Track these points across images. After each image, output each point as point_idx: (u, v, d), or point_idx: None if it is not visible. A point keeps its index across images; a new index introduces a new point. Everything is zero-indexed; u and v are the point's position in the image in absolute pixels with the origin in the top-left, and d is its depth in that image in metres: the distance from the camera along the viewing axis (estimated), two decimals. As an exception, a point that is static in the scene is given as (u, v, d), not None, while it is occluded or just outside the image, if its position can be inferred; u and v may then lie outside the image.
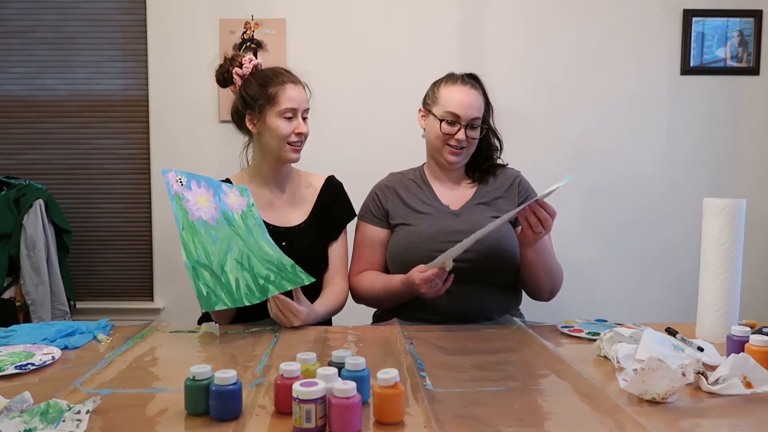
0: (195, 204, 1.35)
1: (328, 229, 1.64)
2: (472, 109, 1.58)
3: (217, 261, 1.30)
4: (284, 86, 1.53)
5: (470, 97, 1.60)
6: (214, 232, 1.34)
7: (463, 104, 1.58)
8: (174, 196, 1.32)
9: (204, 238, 1.31)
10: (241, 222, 1.43)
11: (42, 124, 2.66)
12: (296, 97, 1.53)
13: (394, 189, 1.68)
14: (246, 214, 1.46)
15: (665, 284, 2.65)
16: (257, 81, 1.55)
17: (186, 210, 1.33)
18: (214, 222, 1.36)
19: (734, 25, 2.58)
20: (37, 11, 2.62)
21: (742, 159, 2.65)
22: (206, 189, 1.40)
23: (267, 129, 1.53)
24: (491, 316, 1.55)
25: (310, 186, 1.67)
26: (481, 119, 1.61)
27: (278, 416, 0.87)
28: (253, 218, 1.47)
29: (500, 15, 2.59)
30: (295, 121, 1.53)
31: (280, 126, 1.52)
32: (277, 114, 1.52)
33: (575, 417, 0.88)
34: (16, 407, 0.81)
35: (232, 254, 1.33)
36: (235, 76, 1.57)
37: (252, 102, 1.54)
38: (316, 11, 2.58)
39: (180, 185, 1.35)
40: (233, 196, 1.47)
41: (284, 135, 1.52)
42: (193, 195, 1.36)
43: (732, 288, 1.24)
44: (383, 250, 1.65)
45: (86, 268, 2.70)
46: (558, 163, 2.58)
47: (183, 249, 1.26)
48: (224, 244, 1.34)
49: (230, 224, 1.39)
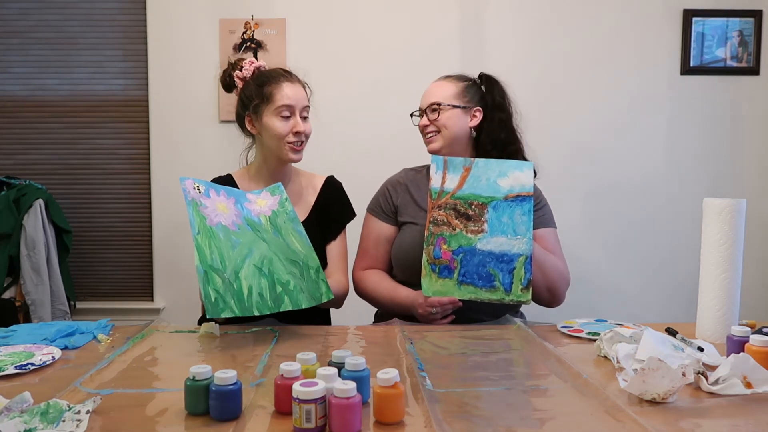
0: (213, 210, 1.31)
1: (327, 229, 1.63)
2: (428, 95, 1.64)
3: (232, 267, 1.25)
4: (280, 84, 1.52)
5: (432, 87, 1.66)
6: (234, 237, 1.29)
7: (424, 95, 1.66)
8: (191, 202, 1.28)
9: (222, 242, 1.27)
10: (268, 225, 1.37)
11: (42, 124, 2.66)
12: (292, 95, 1.51)
13: (406, 186, 1.68)
14: (277, 212, 1.41)
15: (665, 284, 2.65)
16: (255, 82, 1.54)
17: (204, 216, 1.28)
18: (235, 227, 1.32)
19: (734, 25, 2.58)
20: (37, 11, 2.62)
21: (742, 159, 2.65)
22: (226, 197, 1.36)
23: (265, 129, 1.53)
24: (491, 318, 1.55)
25: (310, 186, 1.66)
26: (442, 102, 1.61)
27: (278, 416, 0.87)
28: (285, 213, 1.41)
29: (500, 15, 2.59)
30: (292, 120, 1.52)
31: (276, 125, 1.51)
32: (273, 112, 1.51)
33: (575, 417, 0.88)
34: (16, 407, 0.81)
35: (252, 259, 1.28)
36: (236, 79, 1.57)
37: (248, 102, 1.53)
38: (316, 11, 2.58)
39: (198, 192, 1.31)
40: (261, 200, 1.42)
41: (281, 134, 1.51)
42: (212, 202, 1.32)
43: (732, 288, 1.24)
44: (389, 246, 1.66)
45: (86, 268, 2.70)
46: (558, 163, 2.58)
47: (197, 253, 1.22)
48: (244, 249, 1.29)
49: (254, 229, 1.34)
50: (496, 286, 1.39)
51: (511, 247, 1.40)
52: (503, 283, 1.39)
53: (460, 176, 1.45)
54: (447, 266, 1.41)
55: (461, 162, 1.46)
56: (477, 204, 1.43)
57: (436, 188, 1.45)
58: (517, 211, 1.42)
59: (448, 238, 1.42)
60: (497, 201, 1.42)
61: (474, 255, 1.40)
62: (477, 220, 1.42)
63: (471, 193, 1.43)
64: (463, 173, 1.45)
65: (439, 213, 1.44)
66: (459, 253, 1.41)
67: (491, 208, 1.42)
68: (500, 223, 1.41)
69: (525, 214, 1.41)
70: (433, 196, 1.45)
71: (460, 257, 1.41)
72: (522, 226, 1.41)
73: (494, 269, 1.40)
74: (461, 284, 1.40)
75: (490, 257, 1.40)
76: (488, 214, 1.42)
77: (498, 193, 1.43)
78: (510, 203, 1.42)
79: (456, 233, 1.42)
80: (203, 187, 1.33)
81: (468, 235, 1.42)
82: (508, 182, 1.43)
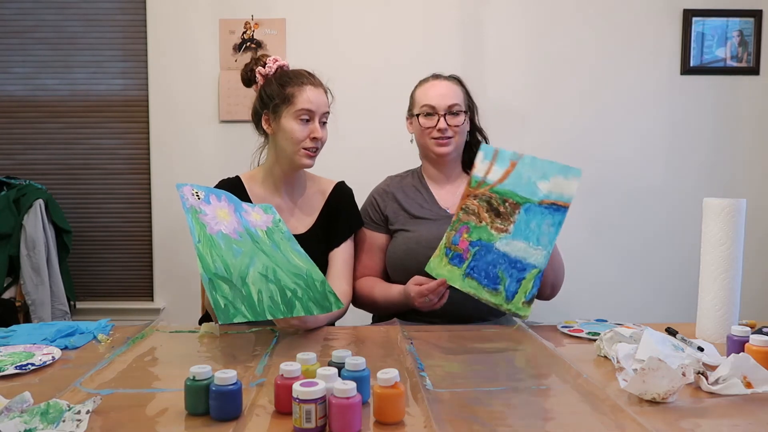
0: (214, 218, 1.27)
1: (333, 236, 1.59)
2: (446, 97, 1.60)
3: (238, 273, 1.21)
4: (303, 87, 1.49)
5: (443, 87, 1.62)
6: (236, 246, 1.26)
7: (436, 95, 1.61)
8: (189, 209, 1.25)
9: (224, 251, 1.23)
10: (265, 238, 1.34)
11: (42, 124, 2.66)
12: (314, 99, 1.48)
13: (393, 194, 1.67)
14: (272, 229, 1.37)
15: (665, 284, 2.65)
16: (277, 81, 1.51)
17: (203, 224, 1.25)
18: (237, 236, 1.28)
19: (734, 25, 2.58)
20: (37, 11, 2.62)
21: (742, 159, 2.65)
22: (227, 203, 1.33)
23: (281, 130, 1.49)
24: (491, 318, 1.55)
25: (318, 192, 1.62)
26: (461, 106, 1.61)
27: (278, 416, 0.87)
28: (281, 232, 1.38)
29: (500, 15, 2.59)
30: (311, 125, 1.49)
31: (294, 128, 1.47)
32: (293, 115, 1.47)
33: (575, 417, 0.88)
34: (16, 407, 0.81)
35: (255, 268, 1.25)
36: (257, 75, 1.53)
37: (269, 101, 1.50)
38: (316, 11, 2.58)
39: (197, 199, 1.28)
40: (255, 214, 1.39)
41: (298, 138, 1.48)
42: (212, 209, 1.29)
43: (732, 288, 1.24)
44: (382, 255, 1.65)
45: (86, 268, 2.70)
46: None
47: (199, 261, 1.18)
48: (246, 258, 1.25)
49: (254, 240, 1.31)
50: (498, 290, 1.36)
51: (528, 256, 1.35)
52: (507, 289, 1.36)
53: (504, 170, 1.39)
54: (460, 255, 1.39)
55: (509, 156, 1.40)
56: (511, 202, 1.37)
57: (478, 177, 1.40)
58: (547, 220, 1.35)
59: (473, 228, 1.39)
60: (531, 204, 1.36)
61: (489, 252, 1.37)
62: (506, 219, 1.37)
63: (509, 190, 1.38)
64: (509, 167, 1.39)
65: (472, 202, 1.40)
66: (476, 245, 1.38)
67: (523, 210, 1.36)
68: (527, 228, 1.35)
69: (554, 225, 1.34)
70: (472, 184, 1.40)
71: (475, 250, 1.38)
72: (546, 237, 1.34)
73: (503, 273, 1.36)
74: (466, 277, 1.38)
75: (504, 259, 1.36)
76: (518, 216, 1.37)
77: (535, 196, 1.36)
78: (543, 210, 1.35)
79: (481, 226, 1.38)
80: (203, 193, 1.29)
81: (491, 231, 1.38)
82: (548, 186, 1.36)
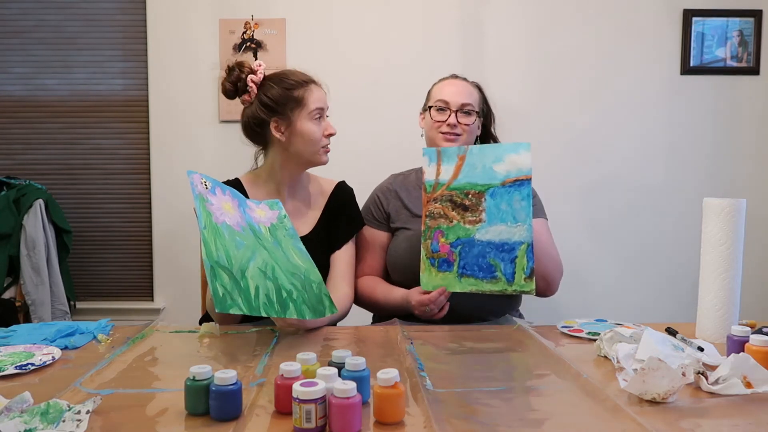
0: (219, 209, 1.28)
1: (334, 238, 1.58)
2: (460, 95, 1.61)
3: (239, 266, 1.23)
4: (309, 87, 1.49)
5: (459, 86, 1.63)
6: (239, 238, 1.27)
7: (451, 92, 1.61)
8: (198, 196, 1.26)
9: (227, 241, 1.24)
10: (268, 235, 1.35)
11: (42, 124, 2.66)
12: (322, 97, 1.51)
13: (396, 191, 1.68)
14: (276, 226, 1.38)
15: (665, 284, 2.65)
16: (279, 85, 1.49)
17: (210, 212, 1.26)
18: (240, 229, 1.29)
19: (734, 25, 2.58)
20: (37, 11, 2.62)
21: (742, 159, 2.65)
22: (231, 198, 1.34)
23: (298, 134, 1.48)
24: (491, 318, 1.55)
25: (320, 192, 1.62)
26: (473, 107, 1.61)
27: (278, 416, 0.87)
28: (285, 229, 1.39)
29: (500, 15, 2.60)
30: (323, 122, 1.51)
31: (312, 129, 1.48)
32: (308, 116, 1.47)
33: (575, 417, 0.88)
34: (16, 407, 0.81)
35: (255, 263, 1.26)
36: (250, 83, 1.50)
37: (277, 107, 1.48)
38: (316, 11, 2.58)
39: (205, 188, 1.29)
40: (260, 210, 1.40)
41: (318, 138, 1.48)
42: (218, 200, 1.30)
43: (732, 288, 1.24)
44: (383, 253, 1.65)
45: (86, 268, 2.70)
46: (557, 163, 2.58)
47: (203, 247, 1.20)
48: (248, 251, 1.26)
49: (256, 235, 1.32)
50: (497, 277, 1.35)
51: (512, 235, 1.33)
52: (505, 273, 1.34)
53: (454, 166, 1.40)
54: (446, 259, 1.39)
55: (455, 151, 1.41)
56: (473, 193, 1.37)
57: (431, 181, 1.42)
58: (516, 196, 1.33)
59: (446, 230, 1.39)
60: (494, 188, 1.35)
61: (473, 246, 1.37)
62: (474, 210, 1.37)
63: (467, 183, 1.38)
64: (458, 162, 1.40)
65: (435, 206, 1.41)
66: (457, 245, 1.38)
67: (489, 196, 1.36)
68: (499, 211, 1.34)
69: (524, 199, 1.32)
70: (427, 190, 1.42)
71: (459, 249, 1.38)
72: (522, 212, 1.32)
73: (495, 259, 1.35)
74: (462, 277, 1.38)
75: (490, 247, 1.35)
76: (486, 203, 1.36)
77: (494, 179, 1.35)
78: (508, 189, 1.34)
79: (453, 225, 1.39)
80: (210, 184, 1.31)
81: (466, 226, 1.37)
82: (504, 167, 1.36)
